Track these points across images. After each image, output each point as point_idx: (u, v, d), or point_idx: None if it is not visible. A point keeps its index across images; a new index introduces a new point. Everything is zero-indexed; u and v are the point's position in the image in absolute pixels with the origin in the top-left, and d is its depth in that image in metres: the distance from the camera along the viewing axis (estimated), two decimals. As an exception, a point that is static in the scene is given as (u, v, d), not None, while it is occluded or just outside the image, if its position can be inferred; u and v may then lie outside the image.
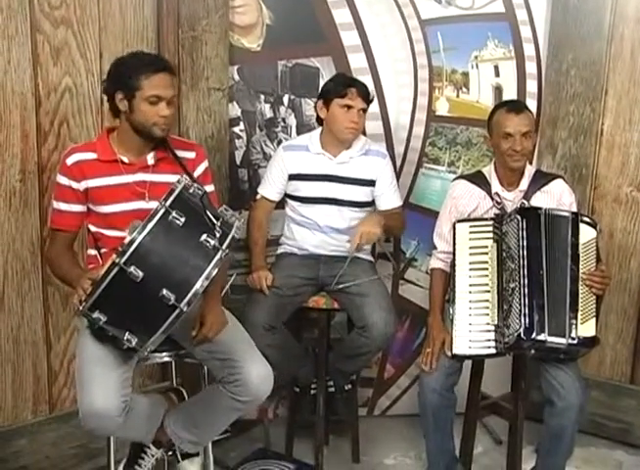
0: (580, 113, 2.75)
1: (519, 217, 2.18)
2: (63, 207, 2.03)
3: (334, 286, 2.48)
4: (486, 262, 2.25)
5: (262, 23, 2.66)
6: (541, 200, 2.34)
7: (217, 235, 1.76)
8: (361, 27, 2.75)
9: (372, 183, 2.55)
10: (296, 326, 2.67)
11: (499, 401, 2.93)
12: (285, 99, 2.75)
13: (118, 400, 1.83)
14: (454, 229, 2.33)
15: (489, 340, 2.19)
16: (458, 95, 2.86)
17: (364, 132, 2.67)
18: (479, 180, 2.42)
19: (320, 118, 2.53)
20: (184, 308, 1.71)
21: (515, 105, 2.37)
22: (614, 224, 2.77)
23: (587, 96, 2.73)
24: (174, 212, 1.72)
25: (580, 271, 2.15)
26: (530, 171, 2.40)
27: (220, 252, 1.74)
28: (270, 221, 2.67)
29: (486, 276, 2.24)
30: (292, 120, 2.77)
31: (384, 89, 2.81)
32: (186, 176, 1.88)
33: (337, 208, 2.54)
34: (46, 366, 2.40)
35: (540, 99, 2.83)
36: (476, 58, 2.83)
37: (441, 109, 2.88)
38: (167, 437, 2.13)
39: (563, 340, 2.08)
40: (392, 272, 2.79)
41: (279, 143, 2.72)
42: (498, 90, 2.85)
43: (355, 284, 2.46)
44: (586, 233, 2.19)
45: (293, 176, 2.55)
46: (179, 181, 1.79)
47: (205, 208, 1.80)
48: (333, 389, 2.67)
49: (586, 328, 2.10)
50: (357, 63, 2.76)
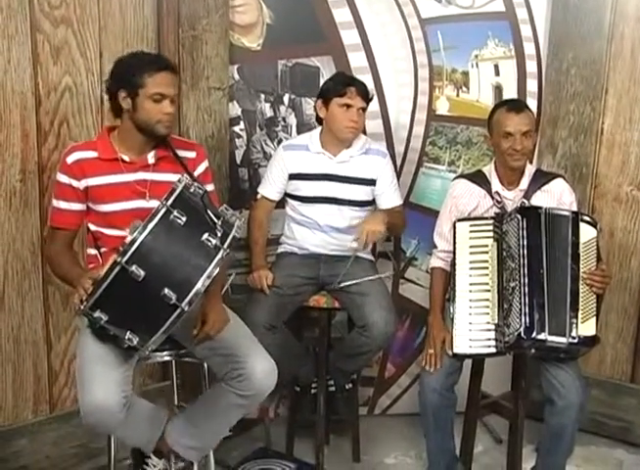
0: (581, 112, 2.75)
1: (519, 217, 2.18)
2: (63, 205, 2.03)
3: (336, 284, 2.48)
4: (487, 261, 2.25)
5: (262, 22, 2.66)
6: (541, 199, 2.34)
7: (218, 234, 1.76)
8: (361, 26, 2.75)
9: (372, 182, 2.55)
10: (296, 325, 2.67)
11: (499, 400, 2.93)
12: (285, 98, 2.75)
13: (119, 396, 1.83)
14: (454, 228, 2.33)
15: (490, 339, 2.19)
16: (458, 94, 2.86)
17: (364, 131, 2.68)
18: (479, 179, 2.41)
19: (320, 118, 2.53)
20: (185, 308, 1.71)
21: (515, 104, 2.37)
22: (614, 223, 2.77)
23: (587, 95, 2.73)
24: (175, 212, 1.72)
25: (581, 270, 2.15)
26: (531, 171, 2.40)
27: (222, 251, 1.74)
28: (270, 221, 2.67)
29: (487, 275, 2.24)
30: (292, 120, 2.77)
31: (384, 88, 2.81)
32: (187, 176, 1.89)
33: (337, 207, 2.54)
34: (46, 366, 2.40)
35: (540, 98, 2.83)
36: (476, 57, 2.83)
37: (442, 108, 2.88)
38: (168, 447, 2.11)
39: (563, 339, 2.08)
40: (393, 272, 2.78)
41: (279, 142, 2.72)
42: (498, 89, 2.85)
43: (357, 283, 2.46)
44: (587, 232, 2.19)
45: (293, 176, 2.55)
46: (180, 181, 1.79)
47: (206, 207, 1.80)
48: (333, 388, 2.67)
49: (587, 327, 2.10)
50: (357, 62, 2.76)
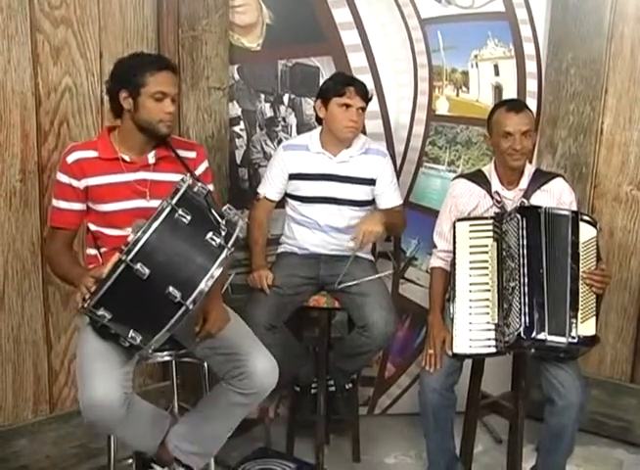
0: (580, 111, 2.75)
1: (519, 216, 2.18)
2: (63, 205, 2.03)
3: (336, 286, 2.48)
4: (486, 261, 2.25)
5: (262, 22, 2.66)
6: (541, 199, 2.34)
7: (222, 234, 1.76)
8: (361, 27, 2.75)
9: (372, 182, 2.55)
10: (296, 325, 2.67)
11: (499, 400, 2.92)
12: (285, 98, 2.75)
13: (119, 392, 1.83)
14: (454, 228, 2.33)
15: (490, 339, 2.19)
16: (458, 94, 2.86)
17: (364, 131, 2.68)
18: (479, 179, 2.42)
19: (319, 118, 2.53)
20: (190, 306, 1.71)
21: (515, 104, 2.37)
22: (614, 223, 2.78)
23: (587, 95, 2.73)
24: (180, 211, 1.73)
25: (580, 270, 2.15)
26: (530, 170, 2.40)
27: (226, 250, 1.75)
28: (270, 221, 2.67)
29: (487, 275, 2.24)
30: (292, 120, 2.78)
31: (384, 88, 2.81)
32: (189, 175, 1.89)
33: (337, 207, 2.54)
34: (46, 366, 2.40)
35: (540, 98, 2.83)
36: (475, 57, 2.83)
37: (441, 108, 2.88)
38: (169, 455, 2.10)
39: (563, 339, 2.08)
40: (392, 271, 2.78)
41: (279, 142, 2.72)
42: (498, 89, 2.85)
43: (358, 283, 2.46)
44: (586, 232, 2.19)
45: (293, 176, 2.55)
46: (184, 180, 1.79)
47: (210, 206, 1.81)
48: (333, 388, 2.67)
49: (586, 327, 2.10)
50: (357, 62, 2.76)
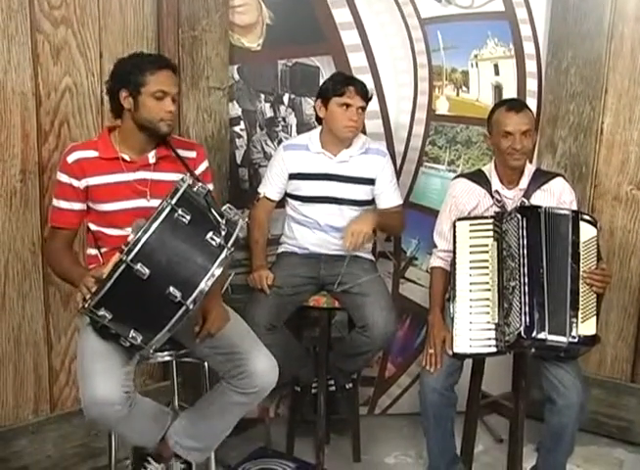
0: (580, 111, 2.75)
1: (519, 216, 2.18)
2: (63, 205, 2.03)
3: (336, 288, 2.48)
4: (487, 261, 2.25)
5: (262, 22, 2.66)
6: (541, 198, 2.34)
7: (222, 233, 1.76)
8: (361, 27, 2.75)
9: (372, 182, 2.55)
10: (296, 325, 2.67)
11: (500, 400, 2.94)
12: (285, 98, 2.75)
13: (121, 391, 1.83)
14: (454, 228, 2.33)
15: (490, 338, 2.19)
16: (458, 94, 2.86)
17: (364, 131, 2.68)
18: (479, 178, 2.41)
19: (319, 118, 2.53)
20: (190, 306, 1.71)
21: (515, 103, 2.37)
22: (614, 223, 2.78)
23: (587, 94, 2.73)
24: (180, 210, 1.73)
25: (581, 270, 2.14)
26: (530, 170, 2.40)
27: (226, 250, 1.75)
28: (271, 220, 2.67)
29: (487, 275, 2.24)
30: (292, 120, 2.78)
31: (384, 88, 2.81)
32: (189, 175, 1.89)
33: (337, 206, 2.54)
34: (47, 366, 2.40)
35: (540, 98, 2.83)
36: (475, 56, 2.83)
37: (441, 108, 2.88)
38: (169, 451, 2.11)
39: (563, 338, 2.08)
40: (393, 271, 2.78)
41: (279, 142, 2.72)
42: (498, 89, 2.85)
43: (357, 284, 2.46)
44: (587, 231, 2.19)
45: (293, 175, 2.55)
46: (183, 180, 1.79)
47: (210, 206, 1.81)
48: (334, 388, 2.68)
49: (587, 327, 2.10)
50: (357, 62, 2.76)
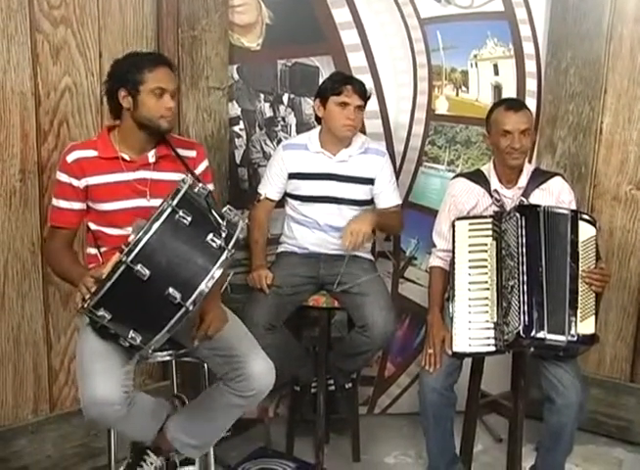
0: (580, 111, 2.75)
1: (518, 215, 2.18)
2: (63, 204, 2.03)
3: (336, 288, 2.48)
4: (486, 260, 2.25)
5: (262, 22, 2.66)
6: (540, 197, 2.35)
7: (223, 235, 1.76)
8: (361, 26, 2.75)
9: (371, 181, 2.55)
10: (296, 325, 2.67)
11: (499, 400, 2.93)
12: (284, 98, 2.75)
13: (120, 390, 1.83)
14: (453, 227, 2.33)
15: (489, 337, 2.19)
16: (457, 94, 2.87)
17: (364, 131, 2.68)
18: (478, 178, 2.42)
19: (319, 117, 2.53)
20: (190, 307, 1.71)
21: (513, 103, 2.38)
22: (613, 222, 2.78)
23: (586, 94, 2.73)
24: (181, 212, 1.72)
25: (580, 269, 2.15)
26: (529, 169, 2.40)
27: (226, 251, 1.74)
28: (270, 220, 2.68)
29: (486, 274, 2.24)
30: (291, 119, 2.78)
31: (383, 88, 2.81)
32: (190, 175, 1.89)
33: (336, 206, 2.54)
34: (46, 366, 2.40)
35: (540, 98, 2.83)
36: (475, 56, 2.84)
37: (441, 107, 2.88)
38: (168, 444, 2.11)
39: (562, 337, 2.08)
40: (392, 271, 2.78)
41: (279, 142, 2.72)
42: (497, 89, 2.85)
43: (357, 284, 2.46)
44: (586, 231, 2.19)
45: (292, 175, 2.55)
46: (184, 180, 1.78)
47: (210, 207, 1.81)
48: (333, 387, 2.68)
49: (586, 326, 2.10)
50: (357, 62, 2.77)
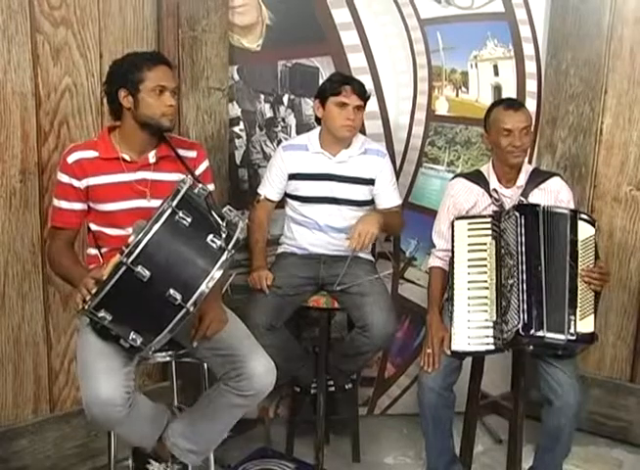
0: (580, 112, 2.76)
1: (517, 214, 2.18)
2: (64, 205, 2.03)
3: (336, 287, 2.47)
4: (485, 259, 2.26)
5: (262, 22, 2.66)
6: (539, 197, 2.35)
7: (223, 236, 1.76)
8: (361, 27, 2.75)
9: (371, 182, 2.56)
10: (296, 326, 2.67)
11: (499, 400, 2.93)
12: (285, 99, 2.76)
13: (122, 391, 1.83)
14: (453, 226, 2.33)
15: (488, 336, 2.19)
16: (457, 94, 2.87)
17: (364, 132, 2.68)
18: (477, 178, 2.42)
19: (318, 118, 2.53)
20: (191, 308, 1.72)
21: (512, 102, 2.39)
22: (613, 223, 2.78)
23: (587, 95, 2.73)
24: (181, 213, 1.72)
25: (579, 268, 2.15)
26: (528, 169, 2.41)
27: (226, 252, 1.74)
28: (270, 221, 2.68)
29: (485, 273, 2.25)
30: (291, 120, 2.78)
31: (383, 89, 2.82)
32: (190, 176, 1.89)
33: (336, 207, 2.54)
34: (47, 366, 2.40)
35: (540, 98, 2.83)
36: (475, 57, 2.84)
37: (441, 108, 2.88)
38: (167, 451, 2.10)
39: (561, 336, 2.08)
40: (392, 271, 2.78)
41: (279, 143, 2.72)
42: (497, 89, 2.85)
43: (357, 284, 2.46)
44: (585, 230, 2.20)
45: (292, 176, 2.56)
46: (184, 181, 1.78)
47: (211, 208, 1.81)
48: (333, 388, 2.67)
49: (585, 324, 2.11)
50: (357, 62, 2.77)
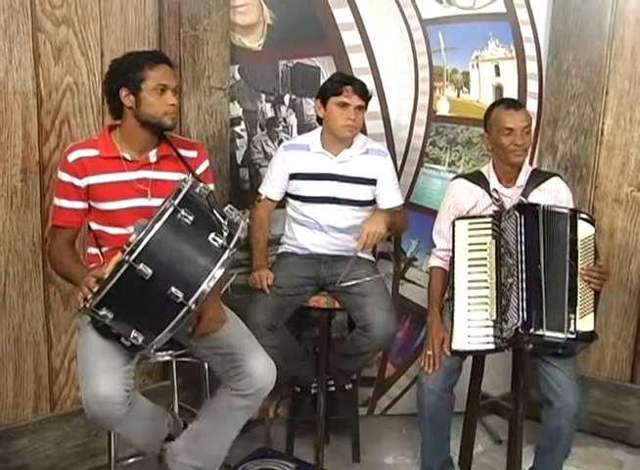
0: (581, 112, 2.75)
1: (517, 213, 2.19)
2: (64, 204, 2.03)
3: (338, 284, 2.47)
4: (485, 259, 2.26)
5: (263, 22, 2.66)
6: (539, 197, 2.35)
7: (225, 234, 1.76)
8: (362, 27, 2.75)
9: (373, 182, 2.55)
10: (296, 326, 2.67)
11: (499, 401, 2.93)
12: (286, 98, 2.76)
13: (122, 388, 1.83)
14: (453, 226, 2.34)
15: (488, 335, 2.20)
16: (459, 95, 2.87)
17: (365, 132, 2.68)
18: (477, 179, 2.43)
19: (320, 118, 2.53)
20: (192, 307, 1.72)
21: (512, 101, 2.41)
22: (614, 224, 2.78)
23: (588, 96, 2.73)
24: (183, 211, 1.73)
25: (579, 267, 2.15)
26: (528, 169, 2.41)
27: (228, 251, 1.75)
28: (271, 221, 2.68)
29: (485, 272, 2.25)
30: (293, 120, 2.78)
31: (385, 89, 2.81)
32: (191, 175, 1.89)
33: (337, 207, 2.54)
34: (47, 365, 2.40)
35: (541, 99, 2.83)
36: (476, 58, 2.84)
37: (442, 108, 2.88)
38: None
39: (561, 334, 2.09)
40: (393, 272, 2.78)
41: (280, 143, 2.72)
42: (499, 90, 2.85)
43: (358, 283, 2.46)
44: (584, 230, 2.20)
45: (293, 176, 2.56)
46: (186, 180, 1.79)
47: (212, 207, 1.81)
48: (333, 388, 2.67)
49: (585, 323, 2.11)
50: (358, 62, 2.77)
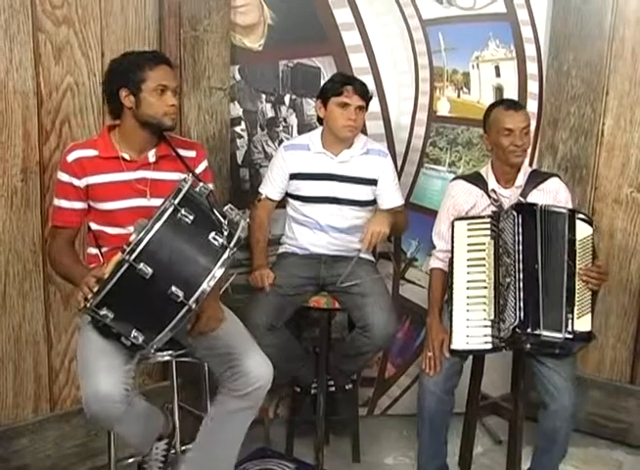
0: (581, 113, 2.75)
1: (515, 213, 2.19)
2: (64, 204, 2.03)
3: (339, 284, 2.47)
4: (483, 259, 2.26)
5: (264, 22, 2.66)
6: (538, 198, 2.35)
7: (225, 234, 1.76)
8: (362, 27, 2.75)
9: (373, 182, 2.56)
10: (296, 326, 2.67)
11: (499, 402, 2.93)
12: (286, 99, 2.76)
13: (121, 387, 1.83)
14: (452, 227, 2.34)
15: (486, 335, 2.20)
16: (459, 95, 2.87)
17: (365, 132, 2.68)
18: (476, 180, 2.43)
19: (320, 118, 2.53)
20: (193, 306, 1.72)
21: (512, 102, 2.41)
22: (614, 225, 2.78)
23: (588, 97, 2.73)
24: (183, 210, 1.73)
25: (577, 267, 2.16)
26: (526, 169, 2.41)
27: (228, 250, 1.75)
28: (271, 221, 2.68)
29: (483, 273, 2.25)
30: (293, 120, 2.78)
31: (385, 89, 2.82)
32: (191, 175, 1.89)
33: (338, 207, 2.54)
34: (47, 365, 2.40)
35: (541, 99, 2.83)
36: (477, 58, 2.84)
37: (442, 109, 2.88)
38: None
39: (559, 334, 2.09)
40: (393, 272, 2.78)
41: (280, 143, 2.72)
42: (499, 90, 2.85)
43: (358, 283, 2.46)
44: (583, 230, 2.20)
45: (294, 176, 2.56)
46: (185, 180, 1.79)
47: (212, 206, 1.81)
48: (333, 388, 2.67)
49: (582, 323, 2.11)
50: (358, 63, 2.77)
